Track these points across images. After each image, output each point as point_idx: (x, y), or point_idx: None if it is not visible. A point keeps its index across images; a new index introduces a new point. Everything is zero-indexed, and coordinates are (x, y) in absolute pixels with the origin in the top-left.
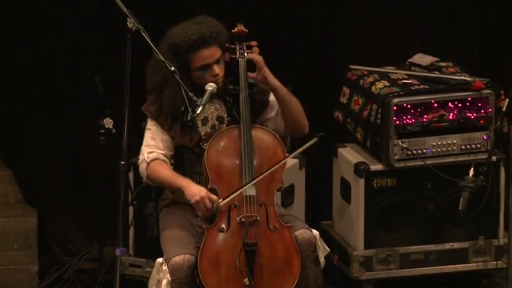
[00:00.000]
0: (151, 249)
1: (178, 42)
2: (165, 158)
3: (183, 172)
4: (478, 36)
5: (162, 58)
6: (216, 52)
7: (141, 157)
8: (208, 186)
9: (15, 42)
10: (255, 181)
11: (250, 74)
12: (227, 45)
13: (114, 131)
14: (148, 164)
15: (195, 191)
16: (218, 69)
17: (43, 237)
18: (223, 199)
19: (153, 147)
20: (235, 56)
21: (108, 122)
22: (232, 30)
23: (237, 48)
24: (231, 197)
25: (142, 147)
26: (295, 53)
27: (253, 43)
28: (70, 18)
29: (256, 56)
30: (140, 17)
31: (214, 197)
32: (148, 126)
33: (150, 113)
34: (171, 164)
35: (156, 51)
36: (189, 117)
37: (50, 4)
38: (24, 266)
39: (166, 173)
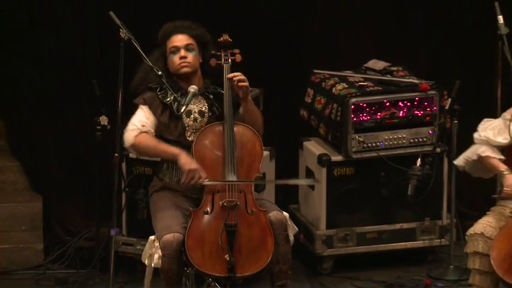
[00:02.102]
0: (141, 229)
1: (159, 34)
2: (153, 134)
3: (171, 163)
4: (425, 44)
5: (151, 63)
6: (186, 39)
7: (131, 126)
8: None
9: (22, 50)
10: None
11: (234, 87)
12: (213, 52)
13: (109, 127)
14: (140, 132)
15: (190, 160)
16: (185, 53)
17: (47, 220)
18: (210, 181)
19: (145, 123)
20: (220, 62)
21: (104, 120)
22: (218, 39)
23: (222, 55)
24: (216, 182)
25: (134, 120)
26: (267, 59)
27: (236, 51)
28: (70, 29)
29: (243, 82)
30: (131, 26)
31: (204, 174)
32: (141, 107)
33: (143, 100)
34: None
35: (145, 58)
36: (176, 114)
37: (53, 17)
38: (31, 244)
39: (159, 142)
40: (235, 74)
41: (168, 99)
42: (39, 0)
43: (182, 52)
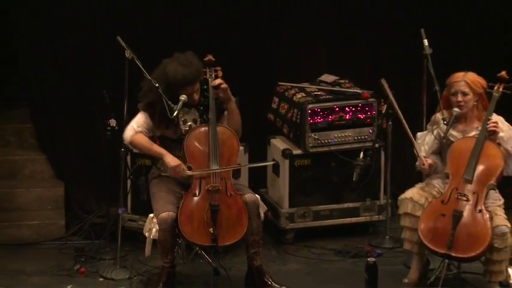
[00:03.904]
0: (143, 209)
1: (172, 81)
2: (148, 135)
3: None
4: (366, 62)
5: (150, 78)
6: (195, 86)
7: (130, 126)
8: (186, 164)
9: (49, 68)
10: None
11: (217, 93)
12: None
13: (116, 128)
14: (135, 133)
15: (173, 158)
16: (196, 96)
17: (68, 201)
18: (192, 172)
19: (142, 126)
20: (206, 77)
21: (113, 122)
22: (204, 59)
23: (207, 71)
24: (195, 173)
25: (133, 122)
26: (242, 73)
27: (218, 68)
28: (86, 50)
29: (224, 84)
30: (134, 47)
31: (184, 167)
32: (141, 112)
33: (145, 108)
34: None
35: (145, 73)
36: (170, 118)
37: (73, 41)
38: (55, 221)
39: (150, 143)
40: (219, 81)
41: (167, 114)
42: (63, 29)
43: (195, 96)
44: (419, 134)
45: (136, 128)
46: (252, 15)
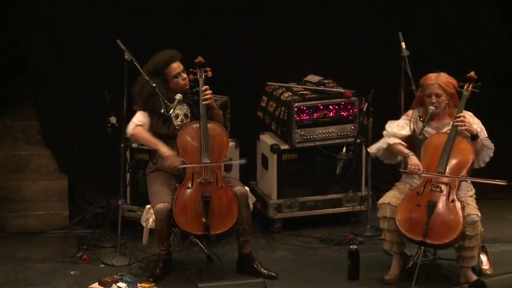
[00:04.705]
0: (141, 200)
1: (156, 65)
2: (147, 128)
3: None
4: (349, 63)
5: (147, 78)
6: (180, 65)
7: (131, 122)
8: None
9: (54, 70)
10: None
11: (204, 99)
12: (191, 69)
13: (116, 125)
14: (136, 126)
15: (167, 149)
16: (185, 75)
17: (71, 193)
18: (185, 164)
19: (141, 121)
20: (197, 77)
21: (113, 119)
22: (195, 60)
23: (198, 71)
24: (188, 165)
25: (134, 119)
26: (233, 73)
27: (208, 68)
28: (88, 53)
29: (208, 94)
30: (133, 50)
31: (178, 159)
32: (140, 111)
33: (144, 107)
34: None
35: (143, 74)
36: (166, 115)
37: (77, 45)
38: (59, 211)
39: (148, 135)
40: (206, 92)
41: (162, 110)
42: (67, 34)
43: (184, 75)
44: (390, 121)
45: (137, 122)
46: (243, 20)
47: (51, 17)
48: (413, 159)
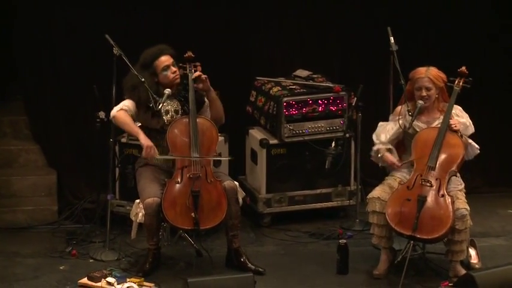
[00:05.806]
0: (130, 195)
1: (145, 58)
2: (132, 115)
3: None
4: (338, 58)
5: (136, 72)
6: (169, 58)
7: (118, 105)
8: (169, 153)
9: (44, 65)
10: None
11: (197, 86)
12: (181, 64)
13: (105, 119)
14: (120, 109)
15: (146, 139)
16: (174, 69)
17: (60, 188)
18: (161, 156)
19: (127, 107)
20: (186, 72)
21: (102, 114)
22: (184, 55)
23: (187, 67)
24: (168, 157)
25: (121, 103)
26: (222, 68)
27: (197, 63)
28: (78, 48)
29: (202, 75)
30: (122, 45)
31: (156, 150)
32: (129, 100)
33: (133, 98)
34: None
35: (132, 69)
36: (155, 109)
37: (67, 41)
38: (48, 206)
39: (130, 120)
40: (199, 73)
41: (151, 104)
42: (57, 31)
43: (173, 68)
44: (380, 123)
45: (122, 106)
46: (232, 16)
47: (43, 14)
48: (389, 158)
